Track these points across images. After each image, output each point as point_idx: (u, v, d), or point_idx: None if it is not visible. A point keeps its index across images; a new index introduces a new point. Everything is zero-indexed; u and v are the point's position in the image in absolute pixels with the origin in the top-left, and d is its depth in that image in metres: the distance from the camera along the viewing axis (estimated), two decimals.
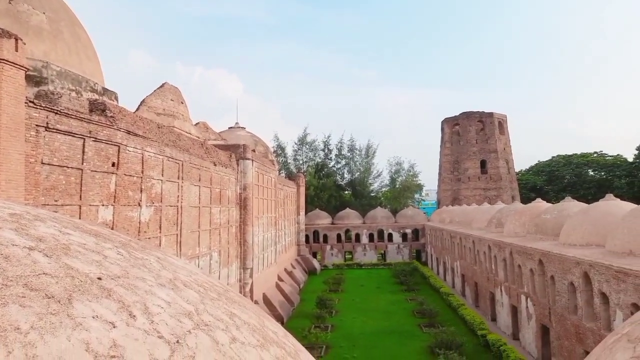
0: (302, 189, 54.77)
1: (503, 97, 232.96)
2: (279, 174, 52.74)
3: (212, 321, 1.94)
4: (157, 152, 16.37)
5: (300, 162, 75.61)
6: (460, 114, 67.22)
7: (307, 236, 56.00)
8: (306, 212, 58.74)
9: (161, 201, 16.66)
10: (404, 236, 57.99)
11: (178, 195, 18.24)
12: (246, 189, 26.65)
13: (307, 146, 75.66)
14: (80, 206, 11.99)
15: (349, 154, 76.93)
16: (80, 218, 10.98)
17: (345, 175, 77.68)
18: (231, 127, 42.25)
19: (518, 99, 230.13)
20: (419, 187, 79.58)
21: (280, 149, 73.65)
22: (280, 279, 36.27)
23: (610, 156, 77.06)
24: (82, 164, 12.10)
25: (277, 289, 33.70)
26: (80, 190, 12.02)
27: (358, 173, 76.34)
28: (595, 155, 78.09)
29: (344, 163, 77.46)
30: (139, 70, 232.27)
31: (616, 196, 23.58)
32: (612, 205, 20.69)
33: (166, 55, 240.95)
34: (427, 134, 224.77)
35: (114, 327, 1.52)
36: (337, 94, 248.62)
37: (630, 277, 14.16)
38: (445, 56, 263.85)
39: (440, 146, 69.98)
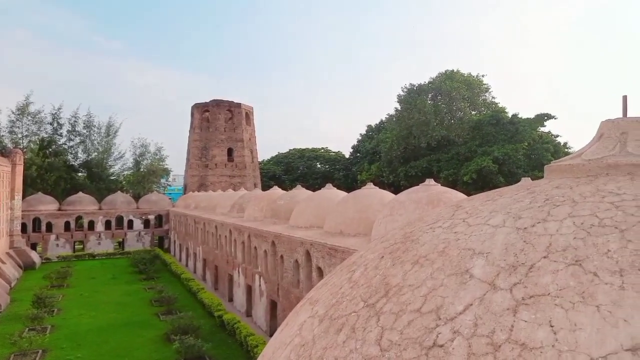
0: (20, 168, 45.38)
1: (252, 90, 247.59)
2: None
3: None
4: None
5: (19, 135, 62.67)
6: (210, 101, 67.78)
7: (24, 224, 46.93)
8: (25, 196, 49.20)
9: None
10: (146, 223, 55.05)
11: None
12: None
13: (30, 118, 63.03)
14: None
15: (85, 131, 67.63)
16: None
17: (80, 155, 68.00)
18: None
19: (265, 93, 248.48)
20: (166, 172, 76.79)
21: None
22: None
23: (334, 152, 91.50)
24: None
25: None
26: None
27: (96, 153, 68.14)
28: (322, 150, 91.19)
29: (78, 141, 67.66)
30: None
31: (335, 186, 27.74)
32: (331, 193, 24.33)
33: None
34: (177, 117, 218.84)
35: None
36: (74, 60, 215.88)
37: (339, 253, 16.89)
38: (200, 41, 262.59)
39: (189, 131, 69.17)
